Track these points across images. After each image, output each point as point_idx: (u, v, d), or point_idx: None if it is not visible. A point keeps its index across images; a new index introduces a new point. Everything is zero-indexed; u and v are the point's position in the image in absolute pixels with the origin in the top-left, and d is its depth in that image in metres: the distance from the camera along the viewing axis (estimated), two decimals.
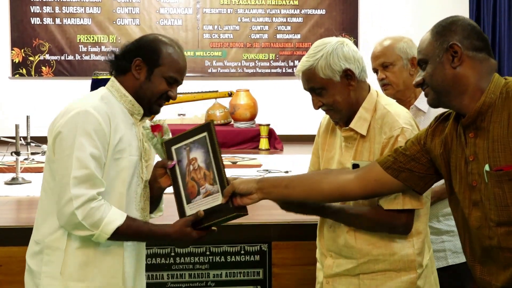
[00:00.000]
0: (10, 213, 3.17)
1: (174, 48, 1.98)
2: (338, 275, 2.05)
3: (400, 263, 2.01)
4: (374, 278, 2.01)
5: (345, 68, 1.97)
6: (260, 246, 2.77)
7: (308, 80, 2.01)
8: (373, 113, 2.02)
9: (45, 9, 7.60)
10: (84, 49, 7.63)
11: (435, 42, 1.69)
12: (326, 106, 2.02)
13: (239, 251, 2.78)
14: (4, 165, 4.48)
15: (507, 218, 1.60)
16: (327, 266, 2.08)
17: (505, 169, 1.58)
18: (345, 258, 2.03)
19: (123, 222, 1.84)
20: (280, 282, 2.72)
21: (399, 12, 7.78)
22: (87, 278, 1.90)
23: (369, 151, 2.00)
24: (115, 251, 1.94)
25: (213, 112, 6.73)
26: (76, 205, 1.79)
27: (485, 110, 1.63)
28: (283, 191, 1.93)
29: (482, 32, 1.70)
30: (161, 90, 1.97)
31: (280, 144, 6.32)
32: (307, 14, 7.92)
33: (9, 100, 7.56)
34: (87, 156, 1.82)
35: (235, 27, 7.90)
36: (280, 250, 2.72)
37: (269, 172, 4.42)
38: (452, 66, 1.66)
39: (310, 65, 1.99)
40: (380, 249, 2.00)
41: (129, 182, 1.95)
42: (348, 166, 2.03)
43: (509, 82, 1.65)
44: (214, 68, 7.89)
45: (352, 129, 2.02)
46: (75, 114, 1.85)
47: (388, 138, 1.96)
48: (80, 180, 1.81)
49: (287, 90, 7.75)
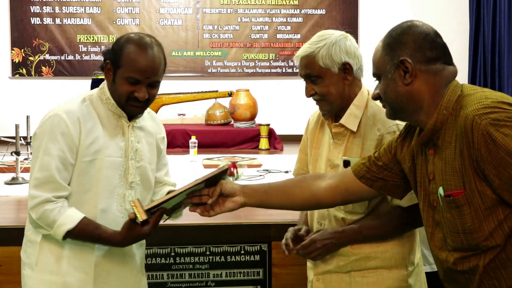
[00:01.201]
0: (10, 213, 3.17)
1: (137, 47, 1.92)
2: (329, 272, 2.05)
3: (391, 260, 2.01)
4: (366, 275, 2.01)
5: (344, 61, 1.99)
6: (260, 246, 2.77)
7: (307, 66, 2.01)
8: (364, 110, 2.03)
9: (45, 9, 7.60)
10: (84, 49, 7.62)
11: (386, 56, 1.59)
12: (318, 96, 2.02)
13: (239, 251, 2.78)
14: (4, 165, 4.49)
15: (460, 244, 1.53)
16: (317, 263, 2.08)
17: (454, 196, 1.49)
18: (336, 255, 2.03)
19: (75, 226, 1.89)
20: (280, 282, 2.72)
21: (399, 12, 7.77)
22: (59, 272, 1.96)
23: (360, 148, 2.01)
24: (87, 247, 1.97)
25: (213, 112, 6.73)
26: (31, 205, 1.90)
27: (439, 127, 1.53)
28: (261, 196, 1.88)
29: (436, 38, 1.58)
30: (123, 91, 1.94)
31: (280, 144, 6.32)
32: (307, 14, 7.92)
33: (9, 100, 7.56)
34: (50, 160, 1.89)
35: (235, 27, 7.90)
36: (280, 250, 2.71)
37: (269, 172, 4.42)
38: (404, 83, 1.56)
39: (311, 51, 2.00)
40: (371, 247, 2.00)
41: (108, 182, 1.97)
42: (337, 163, 2.04)
43: (462, 95, 1.53)
44: (214, 68, 7.89)
45: (343, 125, 2.03)
46: (48, 118, 1.95)
47: (382, 135, 1.97)
48: (40, 181, 1.89)
49: (287, 90, 7.75)
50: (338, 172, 1.98)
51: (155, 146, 2.13)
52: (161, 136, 2.17)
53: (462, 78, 7.86)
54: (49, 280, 1.96)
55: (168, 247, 2.82)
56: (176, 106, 7.07)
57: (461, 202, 1.49)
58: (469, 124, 1.43)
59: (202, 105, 6.99)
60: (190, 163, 5.02)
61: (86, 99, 2.00)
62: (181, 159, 5.18)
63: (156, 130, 2.15)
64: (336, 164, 2.05)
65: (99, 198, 1.96)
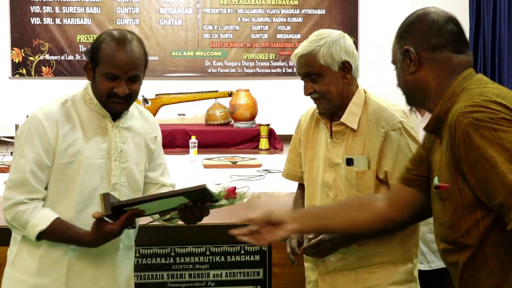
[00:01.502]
0: None
1: (113, 42, 1.92)
2: (334, 271, 2.05)
3: (397, 254, 2.01)
4: (372, 271, 2.02)
5: (344, 60, 2.00)
6: (260, 246, 2.77)
7: (307, 65, 2.01)
8: (363, 108, 2.04)
9: (45, 9, 7.60)
10: (84, 49, 7.61)
11: (396, 45, 1.61)
12: (318, 94, 2.02)
13: (239, 251, 2.78)
14: (4, 165, 4.48)
15: (445, 236, 1.53)
16: (321, 263, 2.07)
17: (441, 188, 1.49)
18: (342, 253, 2.03)
19: (47, 227, 1.88)
20: (280, 282, 2.72)
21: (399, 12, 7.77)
22: (32, 273, 1.95)
23: (361, 146, 2.02)
24: (60, 249, 1.96)
25: (213, 112, 6.73)
26: (5, 206, 1.91)
27: (443, 117, 1.51)
28: (320, 221, 1.78)
29: (447, 24, 1.56)
30: (103, 89, 1.93)
31: (280, 144, 6.32)
32: (307, 14, 7.92)
33: (9, 100, 7.56)
34: (25, 162, 1.91)
35: (235, 27, 7.90)
36: (280, 250, 2.71)
37: (269, 172, 4.41)
38: (410, 71, 1.57)
39: (311, 49, 2.00)
40: (377, 242, 2.00)
41: (87, 184, 1.95)
42: (337, 161, 2.04)
43: (465, 88, 1.50)
44: (214, 68, 7.89)
45: (343, 123, 2.04)
46: (27, 120, 1.99)
47: (387, 132, 1.98)
48: (14, 183, 1.92)
49: (287, 90, 7.74)
50: (341, 169, 1.97)
51: (144, 146, 2.09)
52: (152, 136, 2.12)
53: None
54: (21, 279, 1.96)
55: (168, 247, 2.81)
56: (176, 106, 7.06)
57: (444, 196, 1.49)
58: (454, 121, 1.42)
59: (202, 105, 6.99)
60: (190, 163, 5.02)
61: (68, 100, 2.01)
62: (181, 159, 5.18)
63: (146, 130, 2.10)
64: (336, 163, 2.06)
65: (77, 200, 1.94)
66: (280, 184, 3.73)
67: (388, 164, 1.99)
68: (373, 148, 1.99)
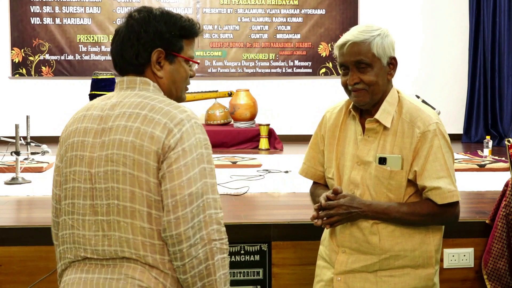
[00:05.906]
0: (10, 213, 3.17)
1: None
2: (353, 272, 2.02)
3: (419, 259, 1.99)
4: (393, 274, 1.99)
5: (392, 56, 2.00)
6: (260, 246, 2.76)
7: (359, 52, 1.97)
8: (397, 107, 2.03)
9: (45, 9, 7.60)
10: (84, 49, 7.62)
11: None
12: (363, 85, 1.99)
13: (239, 251, 2.77)
14: (4, 165, 4.48)
15: None
16: (339, 262, 2.04)
17: None
18: (363, 254, 2.00)
19: None
20: (280, 282, 2.72)
21: (399, 12, 7.77)
22: None
23: (392, 145, 2.00)
24: None
25: (213, 112, 6.73)
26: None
27: None
28: None
29: None
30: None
31: (280, 144, 6.32)
32: (307, 14, 7.92)
33: (9, 100, 7.55)
34: None
35: (235, 27, 7.90)
36: (280, 250, 2.71)
37: (269, 172, 4.41)
38: None
39: (366, 38, 1.97)
40: (401, 245, 1.98)
41: None
42: (367, 159, 2.01)
43: None
44: (214, 68, 7.89)
45: (377, 120, 2.01)
46: None
47: (423, 132, 1.96)
48: None
49: (287, 90, 7.74)
50: (372, 168, 1.99)
51: None
52: None
53: (462, 78, 7.86)
54: None
55: None
56: None
57: None
58: None
59: (202, 105, 6.99)
60: None
61: None
62: None
63: None
64: (366, 161, 2.03)
65: None
66: (280, 184, 3.73)
67: (419, 164, 1.97)
68: (406, 148, 1.97)
